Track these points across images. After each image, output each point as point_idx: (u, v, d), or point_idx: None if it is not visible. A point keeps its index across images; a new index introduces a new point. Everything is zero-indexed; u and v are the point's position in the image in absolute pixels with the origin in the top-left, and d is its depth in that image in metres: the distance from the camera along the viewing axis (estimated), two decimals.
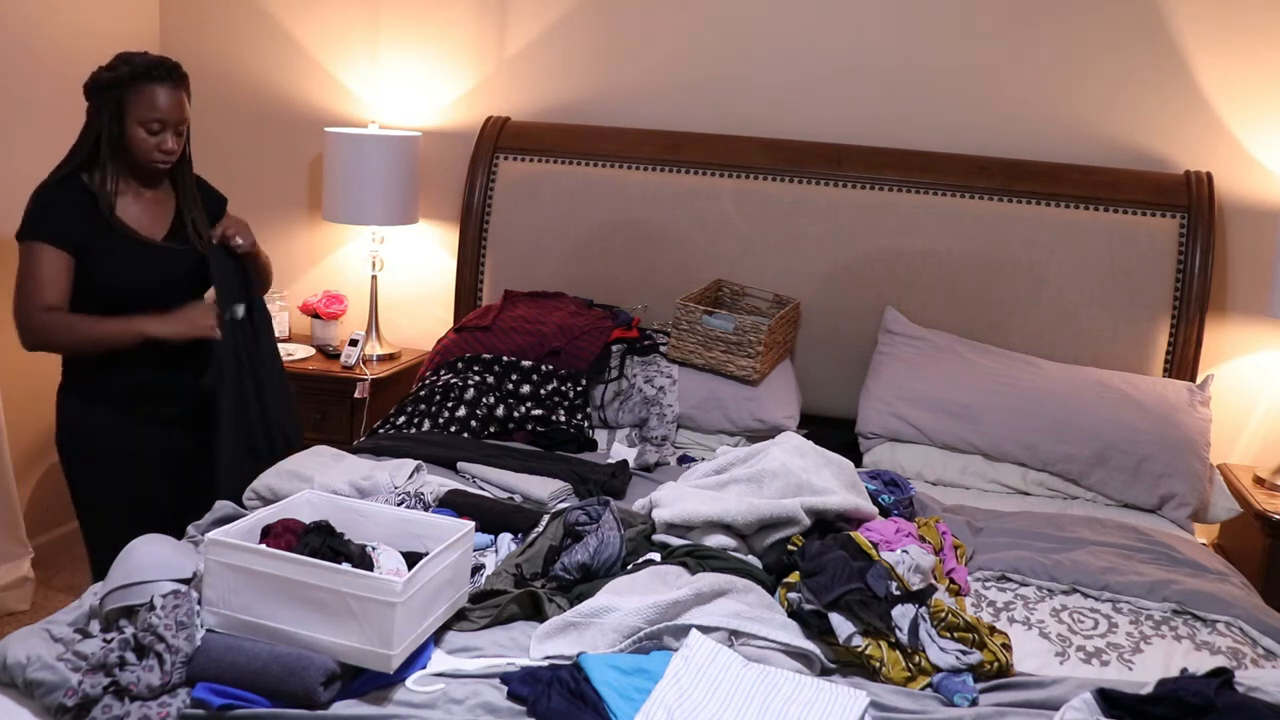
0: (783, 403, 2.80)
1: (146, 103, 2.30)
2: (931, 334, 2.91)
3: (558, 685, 1.50)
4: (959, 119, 3.08)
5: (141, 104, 2.30)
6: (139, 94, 2.30)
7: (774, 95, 3.18)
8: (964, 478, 2.67)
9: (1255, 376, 3.00)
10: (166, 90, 2.33)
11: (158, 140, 2.34)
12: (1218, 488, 2.65)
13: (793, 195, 3.06)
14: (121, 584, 1.61)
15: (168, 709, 1.43)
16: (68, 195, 2.32)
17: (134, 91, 2.29)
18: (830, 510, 1.94)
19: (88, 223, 2.32)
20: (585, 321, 2.90)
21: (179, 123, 2.36)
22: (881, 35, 3.09)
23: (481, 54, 3.37)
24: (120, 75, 2.29)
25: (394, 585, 1.47)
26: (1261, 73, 2.90)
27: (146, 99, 2.30)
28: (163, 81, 2.33)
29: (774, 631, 1.66)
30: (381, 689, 1.51)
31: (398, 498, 2.05)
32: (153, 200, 2.42)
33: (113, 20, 3.37)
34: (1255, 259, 2.96)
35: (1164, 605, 1.96)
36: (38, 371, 3.22)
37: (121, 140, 2.31)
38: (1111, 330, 2.90)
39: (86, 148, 2.33)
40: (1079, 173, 2.97)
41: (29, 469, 3.23)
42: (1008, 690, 1.63)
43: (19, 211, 2.31)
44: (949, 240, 2.97)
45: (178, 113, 2.36)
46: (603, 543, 1.84)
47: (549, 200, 3.20)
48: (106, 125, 2.30)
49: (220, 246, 2.41)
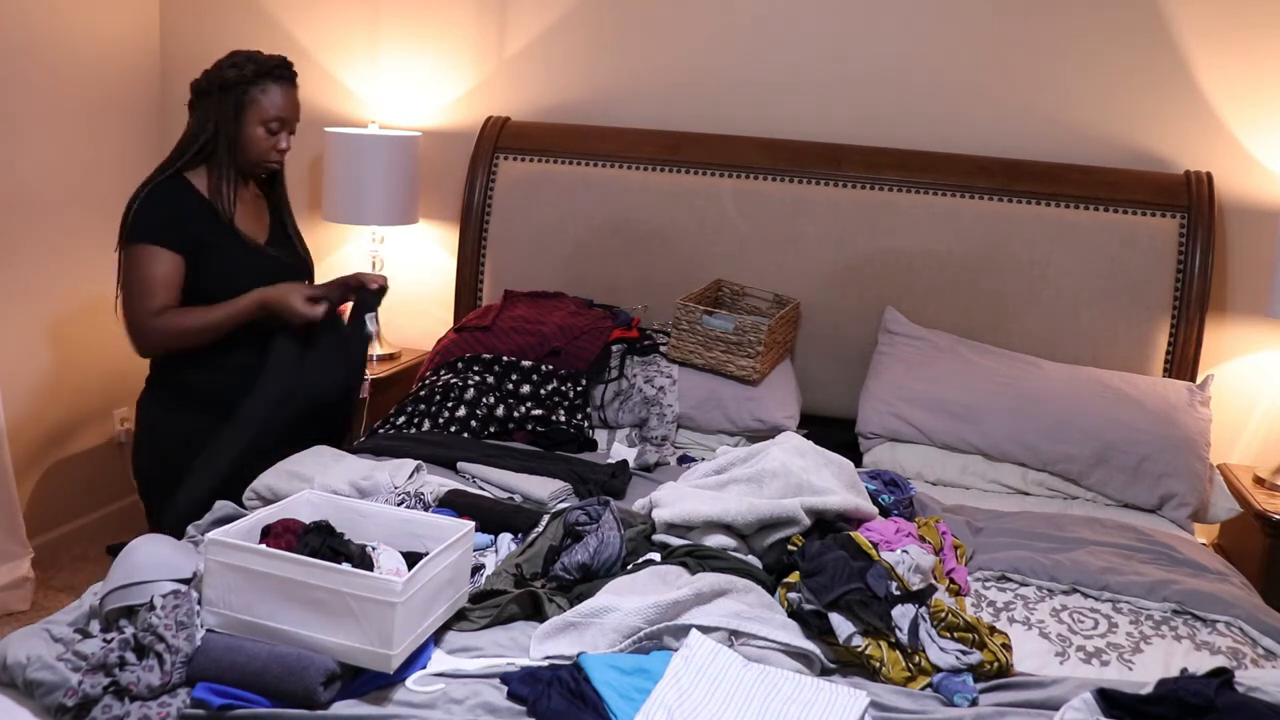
0: (783, 403, 2.80)
1: (270, 101, 2.29)
2: (931, 334, 2.91)
3: (558, 685, 1.50)
4: (959, 119, 3.08)
5: (265, 103, 2.29)
6: (263, 93, 2.29)
7: (774, 95, 3.18)
8: (964, 478, 2.67)
9: (1255, 376, 3.00)
10: (287, 89, 2.33)
11: (275, 140, 2.33)
12: (1218, 488, 2.65)
13: (793, 195, 3.06)
14: (121, 584, 1.61)
15: (168, 709, 1.43)
16: (178, 196, 2.29)
17: (258, 90, 2.28)
18: (830, 510, 1.94)
19: (201, 224, 2.29)
20: (585, 321, 2.90)
21: (295, 121, 2.35)
22: (881, 35, 3.09)
23: (481, 54, 3.37)
24: (245, 74, 2.27)
25: (394, 585, 1.47)
26: (1261, 73, 2.90)
27: (270, 98, 2.29)
28: (284, 80, 2.33)
29: (774, 631, 1.66)
30: (381, 689, 1.51)
31: (398, 498, 2.05)
32: (251, 202, 2.40)
33: (113, 20, 3.37)
34: (1255, 259, 2.95)
35: (1164, 605, 1.96)
36: (38, 371, 3.23)
37: (237, 140, 2.29)
38: (1111, 330, 2.90)
39: (195, 148, 2.29)
40: (1079, 173, 2.97)
41: (29, 469, 3.23)
42: (1008, 690, 1.63)
43: (18, 210, 2.30)
44: (949, 240, 2.97)
45: (296, 112, 2.36)
46: (603, 543, 1.84)
47: (549, 200, 3.20)
48: (225, 124, 2.27)
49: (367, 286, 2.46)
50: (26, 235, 3.12)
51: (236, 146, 2.30)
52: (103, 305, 3.44)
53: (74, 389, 3.37)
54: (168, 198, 2.28)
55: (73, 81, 3.25)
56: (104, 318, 3.46)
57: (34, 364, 3.22)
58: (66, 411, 3.35)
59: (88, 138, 3.33)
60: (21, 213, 3.09)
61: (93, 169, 3.36)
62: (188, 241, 2.27)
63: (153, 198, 2.27)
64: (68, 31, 3.19)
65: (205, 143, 2.30)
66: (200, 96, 2.31)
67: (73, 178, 3.28)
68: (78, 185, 3.30)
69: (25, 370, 3.17)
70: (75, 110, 3.27)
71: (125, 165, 3.48)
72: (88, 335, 3.38)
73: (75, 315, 3.34)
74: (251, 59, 2.29)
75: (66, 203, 3.26)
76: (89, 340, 3.39)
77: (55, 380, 3.30)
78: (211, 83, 2.29)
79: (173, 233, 2.26)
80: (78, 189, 3.30)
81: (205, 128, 2.29)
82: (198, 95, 2.32)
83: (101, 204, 3.40)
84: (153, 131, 3.59)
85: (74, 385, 3.37)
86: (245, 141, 2.30)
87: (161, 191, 2.28)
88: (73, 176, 3.28)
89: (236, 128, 2.28)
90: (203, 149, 2.31)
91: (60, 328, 3.29)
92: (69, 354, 3.34)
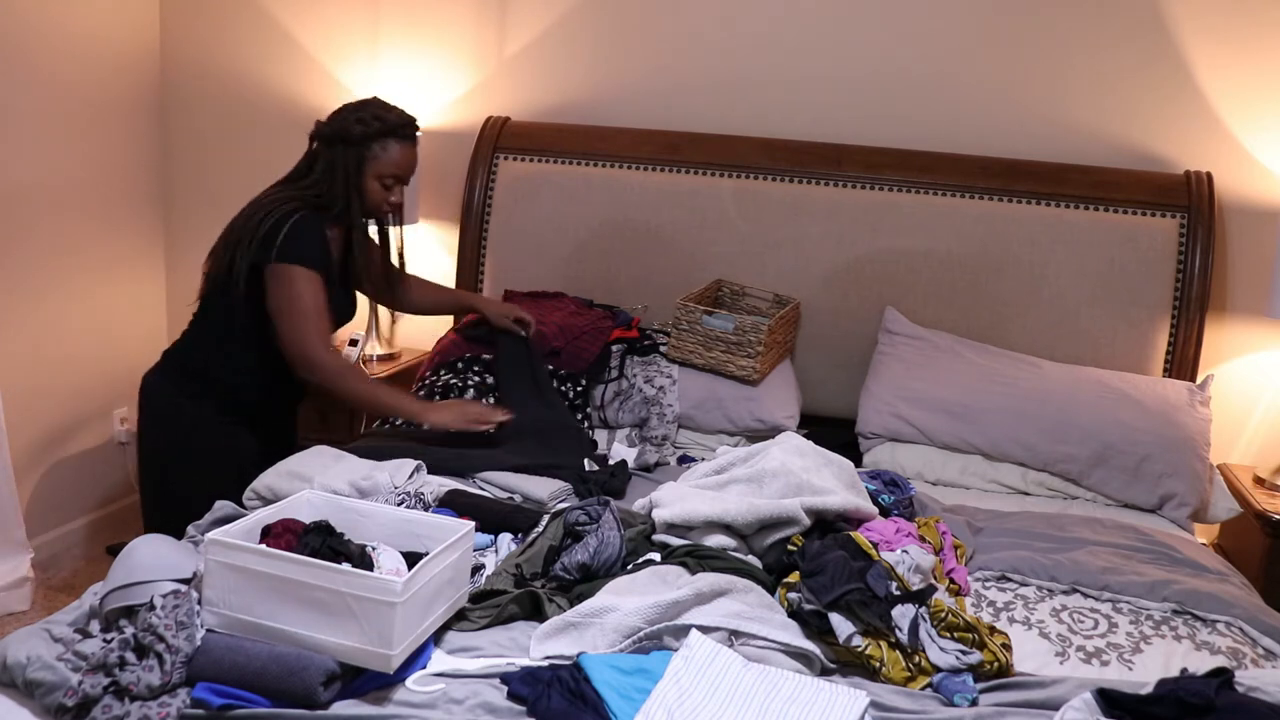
0: (783, 403, 2.80)
1: (389, 159, 2.34)
2: (931, 334, 2.91)
3: (558, 685, 1.50)
4: (959, 119, 3.08)
5: (385, 160, 2.33)
6: (385, 149, 2.33)
7: (774, 95, 3.18)
8: (964, 478, 2.67)
9: (1255, 376, 3.00)
10: (407, 147, 2.37)
11: (390, 194, 2.37)
12: (1218, 488, 2.65)
13: (793, 195, 3.06)
14: (121, 584, 1.61)
15: (168, 709, 1.43)
16: (322, 227, 2.35)
17: (379, 147, 2.32)
18: (830, 510, 1.94)
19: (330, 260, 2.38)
20: (585, 321, 2.90)
21: (410, 176, 2.41)
22: (882, 35, 3.09)
23: (481, 54, 3.37)
24: (370, 131, 2.31)
25: (394, 585, 1.47)
26: (1261, 73, 2.89)
27: (389, 155, 2.34)
28: (409, 140, 2.37)
29: (774, 631, 1.66)
30: (381, 689, 1.51)
31: (398, 498, 2.05)
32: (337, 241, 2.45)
33: (113, 20, 3.37)
34: (1255, 259, 2.95)
35: (1164, 605, 1.96)
36: (38, 371, 3.23)
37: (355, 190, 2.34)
38: (1111, 330, 2.90)
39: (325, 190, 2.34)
40: (1079, 173, 2.97)
41: (29, 469, 3.23)
42: (1008, 690, 1.63)
43: (17, 211, 2.30)
44: (949, 240, 2.97)
45: (413, 169, 2.40)
46: (603, 543, 1.84)
47: (549, 200, 3.20)
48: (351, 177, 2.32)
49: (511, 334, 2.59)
50: (26, 235, 3.12)
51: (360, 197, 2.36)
52: (103, 305, 3.46)
53: (74, 389, 3.37)
54: (320, 230, 2.35)
55: (72, 82, 3.25)
56: (104, 318, 3.47)
57: (34, 364, 3.21)
58: (66, 411, 3.35)
59: (87, 138, 3.33)
60: (21, 213, 3.09)
61: (92, 169, 3.36)
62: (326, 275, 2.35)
63: (312, 225, 2.33)
64: (68, 32, 3.19)
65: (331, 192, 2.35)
66: (325, 144, 2.36)
67: (72, 178, 3.28)
68: (77, 185, 3.30)
69: (25, 370, 3.17)
70: (75, 110, 3.27)
71: (125, 165, 3.49)
72: (88, 335, 3.38)
73: (75, 315, 3.34)
74: (379, 118, 2.33)
75: (66, 203, 3.26)
76: (89, 340, 3.39)
77: (55, 380, 3.30)
78: (336, 134, 2.33)
79: (324, 263, 2.34)
80: (77, 189, 3.31)
81: (331, 177, 2.35)
82: (323, 141, 2.36)
83: (102, 205, 3.40)
84: (152, 133, 3.59)
85: (74, 385, 3.37)
86: (360, 191, 2.35)
87: (317, 222, 2.34)
88: (72, 176, 3.28)
89: (357, 180, 2.34)
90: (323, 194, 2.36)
91: (60, 328, 3.29)
92: (69, 354, 3.34)
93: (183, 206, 3.67)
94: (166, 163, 3.65)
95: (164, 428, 2.44)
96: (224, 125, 3.57)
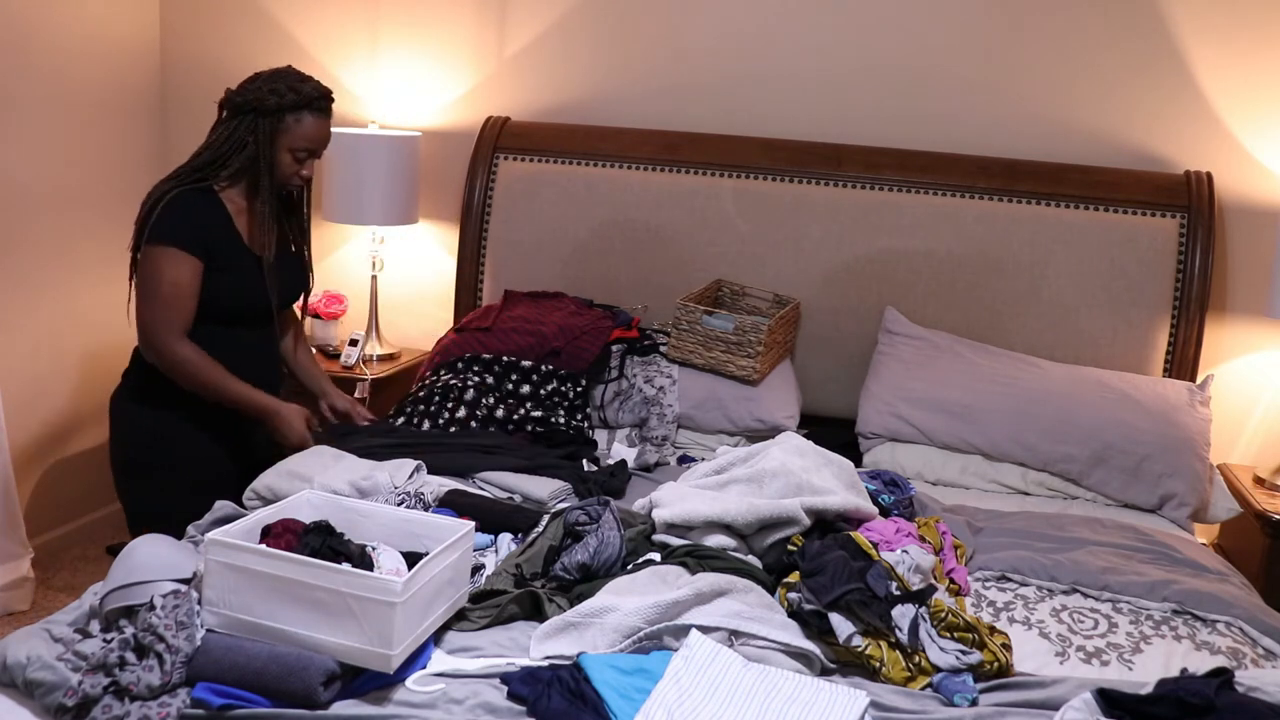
0: (783, 403, 2.80)
1: (303, 132, 2.30)
2: (931, 334, 2.91)
3: (558, 685, 1.50)
4: (959, 119, 3.08)
5: (298, 132, 2.30)
6: (298, 122, 2.29)
7: (774, 95, 3.18)
8: (964, 478, 2.67)
9: (1255, 376, 3.00)
10: (321, 120, 2.34)
11: (301, 166, 2.34)
12: (1218, 488, 2.65)
13: (793, 195, 3.06)
14: (121, 584, 1.61)
15: (168, 709, 1.43)
16: (206, 206, 2.30)
17: (293, 119, 2.29)
18: (830, 510, 1.94)
19: (221, 238, 2.31)
20: (585, 321, 2.90)
21: (323, 149, 2.37)
22: (882, 35, 3.09)
23: (481, 54, 3.37)
24: (284, 102, 2.27)
25: (394, 585, 1.47)
26: (1261, 73, 2.90)
27: (304, 128, 2.30)
28: (323, 113, 2.33)
29: (774, 631, 1.66)
30: (381, 689, 1.51)
31: (398, 498, 2.05)
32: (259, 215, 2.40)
33: (112, 19, 3.37)
34: (1255, 259, 2.95)
35: (1164, 605, 1.96)
36: (38, 371, 3.23)
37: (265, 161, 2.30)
38: (1111, 330, 2.90)
39: (222, 160, 2.30)
40: (1079, 173, 2.97)
41: (29, 469, 3.23)
42: (1008, 690, 1.63)
43: (17, 210, 2.30)
44: (949, 240, 2.97)
45: (326, 141, 2.36)
46: (603, 543, 1.84)
47: (549, 200, 3.20)
48: (259, 147, 2.28)
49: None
50: (26, 235, 3.12)
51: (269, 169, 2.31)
52: (103, 305, 3.45)
53: (74, 389, 3.37)
54: (196, 206, 2.29)
55: (73, 81, 3.24)
56: (104, 317, 3.47)
57: (34, 364, 3.21)
58: (66, 412, 3.35)
59: (88, 138, 3.33)
60: (21, 212, 3.09)
61: (93, 169, 3.36)
62: (208, 251, 2.28)
63: (181, 203, 2.27)
64: (68, 31, 3.19)
65: (240, 162, 2.31)
66: (235, 113, 2.31)
67: (73, 177, 3.28)
68: (78, 185, 3.30)
69: (25, 370, 3.17)
70: (75, 110, 3.27)
71: (125, 165, 3.49)
72: (88, 335, 3.38)
73: (75, 315, 3.34)
74: (293, 88, 2.29)
75: (66, 202, 3.26)
76: (89, 340, 3.39)
77: (55, 380, 3.30)
78: (248, 103, 2.28)
79: (198, 239, 2.27)
80: (78, 189, 3.30)
81: (240, 147, 2.30)
82: (233, 111, 2.31)
83: (101, 204, 3.40)
84: (153, 131, 3.59)
85: (74, 385, 3.37)
86: (271, 164, 2.31)
87: (191, 199, 2.28)
88: (73, 176, 3.28)
89: (269, 152, 2.29)
90: (231, 165, 2.32)
91: (60, 327, 3.29)
92: (69, 354, 3.34)
93: None
94: (166, 162, 3.63)
95: (125, 443, 2.41)
96: None
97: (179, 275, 2.25)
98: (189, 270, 2.26)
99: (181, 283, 2.26)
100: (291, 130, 2.30)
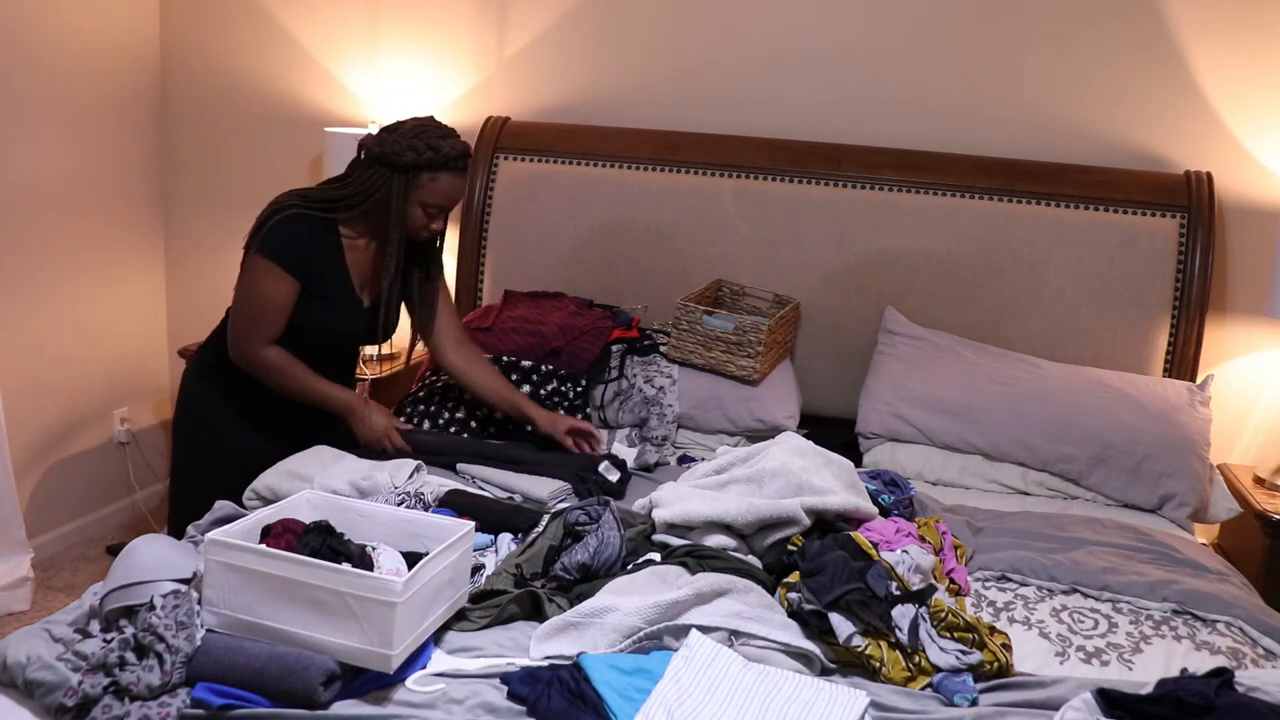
0: (783, 403, 2.80)
1: (438, 189, 2.30)
2: (931, 334, 2.91)
3: (558, 685, 1.50)
4: (959, 119, 3.08)
5: (432, 189, 2.29)
6: (433, 180, 2.28)
7: (774, 95, 3.18)
8: (964, 478, 2.67)
9: (1255, 376, 3.00)
10: (459, 179, 2.32)
11: (432, 221, 2.34)
12: (1218, 488, 2.65)
13: (793, 195, 3.06)
14: (121, 584, 1.61)
15: (168, 709, 1.43)
16: (321, 236, 2.32)
17: (428, 177, 2.28)
18: (830, 510, 1.94)
19: (327, 271, 2.33)
20: (585, 321, 2.90)
21: (454, 207, 2.37)
22: (882, 36, 3.09)
23: (481, 54, 3.37)
24: (421, 160, 2.25)
25: (394, 585, 1.47)
26: (1261, 73, 2.90)
27: (439, 185, 2.29)
28: (459, 172, 2.32)
29: (774, 631, 1.66)
30: (381, 689, 1.51)
31: (398, 498, 2.05)
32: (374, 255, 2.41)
33: (112, 20, 3.37)
34: (1255, 259, 2.95)
35: (1164, 605, 1.96)
36: (38, 371, 3.23)
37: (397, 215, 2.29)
38: (1111, 330, 2.90)
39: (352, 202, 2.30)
40: (1079, 173, 2.97)
41: (29, 469, 3.23)
42: (1008, 690, 1.63)
43: (17, 210, 2.30)
44: (949, 240, 2.97)
45: (459, 199, 2.37)
46: (603, 543, 1.84)
47: (549, 200, 3.20)
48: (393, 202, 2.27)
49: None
50: (26, 234, 3.12)
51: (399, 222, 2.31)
52: (103, 305, 3.46)
53: (74, 389, 3.37)
54: (310, 230, 2.30)
55: (73, 82, 3.25)
56: (104, 318, 3.47)
57: (34, 364, 3.22)
58: (66, 411, 3.36)
59: (88, 138, 3.33)
60: (21, 213, 3.09)
61: (93, 169, 3.36)
62: (308, 276, 2.31)
63: (297, 224, 2.29)
64: (68, 32, 3.19)
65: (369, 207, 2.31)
66: (372, 162, 2.30)
67: (72, 178, 3.28)
68: (78, 185, 3.31)
69: (25, 370, 3.17)
70: (75, 110, 3.27)
71: (125, 166, 3.49)
72: (88, 335, 3.38)
73: (75, 315, 3.34)
74: (432, 146, 2.26)
75: (66, 203, 3.26)
76: (89, 340, 3.39)
77: (55, 380, 3.30)
78: (386, 156, 2.27)
79: (302, 263, 2.29)
80: (78, 189, 3.31)
81: (373, 198, 2.29)
82: (370, 159, 2.30)
83: (101, 204, 3.40)
84: (153, 132, 3.59)
85: (74, 385, 3.37)
86: (401, 215, 2.30)
87: (308, 222, 2.30)
88: (72, 176, 3.28)
89: (402, 205, 2.29)
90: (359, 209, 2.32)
91: (60, 327, 3.29)
92: (69, 354, 3.34)
93: (183, 206, 3.68)
94: (166, 162, 3.65)
95: (193, 425, 2.47)
96: (224, 125, 3.58)
97: (275, 291, 2.28)
98: (286, 289, 2.29)
99: (276, 299, 2.29)
100: (426, 187, 2.29)
